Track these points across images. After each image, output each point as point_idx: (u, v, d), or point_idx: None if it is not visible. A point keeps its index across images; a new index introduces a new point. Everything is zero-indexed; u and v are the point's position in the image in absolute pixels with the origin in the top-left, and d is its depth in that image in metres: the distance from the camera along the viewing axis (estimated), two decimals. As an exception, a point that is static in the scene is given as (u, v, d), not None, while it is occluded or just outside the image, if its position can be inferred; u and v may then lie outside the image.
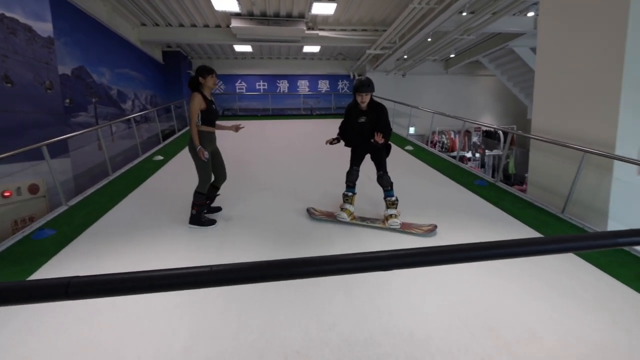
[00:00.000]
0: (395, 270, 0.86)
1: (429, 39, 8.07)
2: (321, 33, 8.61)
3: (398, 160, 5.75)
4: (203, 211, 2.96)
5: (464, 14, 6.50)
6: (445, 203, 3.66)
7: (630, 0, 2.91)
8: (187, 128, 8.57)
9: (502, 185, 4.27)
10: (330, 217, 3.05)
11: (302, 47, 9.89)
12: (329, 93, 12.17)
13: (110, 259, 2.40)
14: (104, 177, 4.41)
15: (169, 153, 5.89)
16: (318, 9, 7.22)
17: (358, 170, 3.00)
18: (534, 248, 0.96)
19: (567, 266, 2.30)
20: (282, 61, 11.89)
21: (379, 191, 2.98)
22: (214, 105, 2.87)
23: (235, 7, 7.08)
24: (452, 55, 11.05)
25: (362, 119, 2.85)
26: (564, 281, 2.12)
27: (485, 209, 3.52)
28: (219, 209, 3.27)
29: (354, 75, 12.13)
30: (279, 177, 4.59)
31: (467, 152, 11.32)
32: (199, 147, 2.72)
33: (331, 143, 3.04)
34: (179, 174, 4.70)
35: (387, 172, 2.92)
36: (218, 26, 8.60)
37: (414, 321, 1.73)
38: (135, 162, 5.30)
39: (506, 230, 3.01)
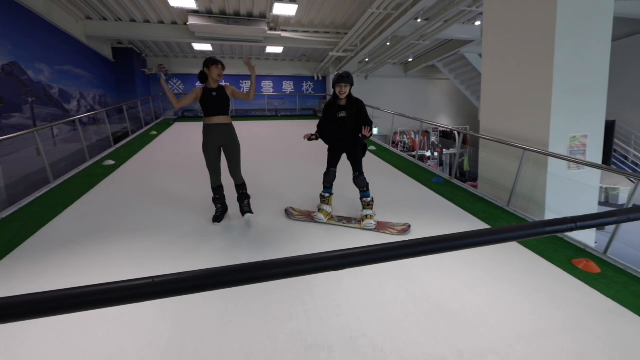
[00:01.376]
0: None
1: (388, 43, 8.38)
2: (284, 34, 8.57)
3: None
4: (215, 204, 3.03)
5: (419, 20, 6.85)
6: (405, 200, 3.82)
7: (557, 19, 3.28)
8: (143, 130, 8.05)
9: (457, 182, 4.56)
10: (308, 218, 3.07)
11: (265, 48, 9.77)
12: (294, 94, 12.14)
13: (45, 277, 2.17)
14: (45, 184, 3.98)
15: (122, 157, 5.48)
16: (279, 10, 7.19)
17: (335, 171, 3.03)
18: (479, 239, 1.04)
19: (510, 253, 2.53)
20: (244, 61, 11.66)
21: (356, 191, 3.04)
22: (214, 93, 2.82)
23: (192, 4, 6.81)
24: (410, 60, 11.58)
25: (342, 114, 2.85)
26: (506, 268, 2.32)
27: (441, 205, 3.74)
28: (246, 211, 2.94)
29: (317, 77, 12.24)
30: (254, 179, 4.48)
31: (427, 151, 11.97)
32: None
33: (309, 139, 3.01)
34: (134, 179, 4.39)
35: (363, 173, 2.95)
36: (174, 23, 8.19)
37: (373, 313, 1.79)
38: (82, 167, 4.85)
39: (459, 223, 3.22)
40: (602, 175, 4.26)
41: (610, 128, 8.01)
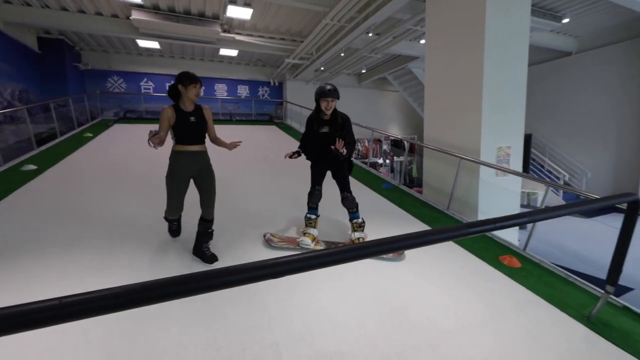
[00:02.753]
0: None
1: (342, 54, 8.71)
2: (238, 37, 8.40)
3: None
4: (170, 231, 2.68)
5: (370, 35, 7.23)
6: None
7: (484, 47, 3.72)
8: (75, 131, 7.23)
9: (404, 188, 4.86)
10: (292, 244, 2.68)
11: (218, 50, 9.46)
12: (250, 99, 11.90)
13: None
14: (-61, 193, 3.33)
15: (46, 161, 4.82)
16: (233, 12, 7.04)
17: (320, 190, 2.79)
18: (416, 241, 1.12)
19: (447, 252, 2.75)
20: (196, 62, 11.12)
21: (342, 212, 2.82)
22: (192, 118, 2.36)
23: (136, -3, 6.34)
24: (363, 71, 12.16)
25: (325, 129, 2.62)
26: (442, 266, 2.53)
27: (390, 209, 3.95)
28: (213, 258, 2.41)
29: (274, 82, 12.18)
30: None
31: (379, 158, 12.59)
32: (151, 136, 2.23)
33: (290, 157, 2.72)
34: (60, 186, 3.89)
35: (351, 192, 2.74)
36: (115, 16, 7.53)
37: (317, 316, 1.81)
38: (-7, 172, 4.17)
39: (405, 226, 3.42)
40: (522, 181, 4.86)
41: (528, 140, 9.24)
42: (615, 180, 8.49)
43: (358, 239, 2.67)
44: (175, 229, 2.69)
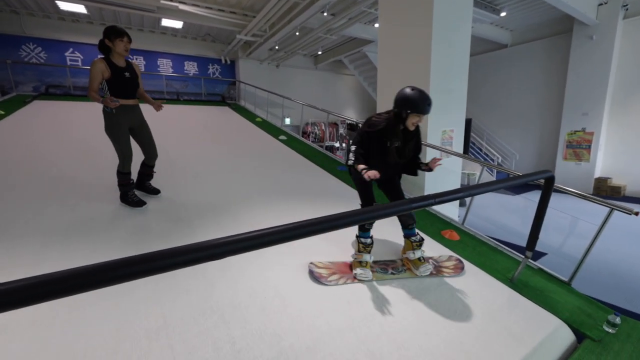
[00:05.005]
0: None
1: (297, 33, 8.43)
2: (182, 7, 7.62)
3: (272, 149, 5.88)
4: (129, 191, 2.80)
5: (325, 14, 7.09)
6: (311, 187, 3.98)
7: (432, 35, 3.87)
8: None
9: (358, 170, 5.00)
10: (345, 274, 2.13)
11: (160, 20, 8.51)
12: (199, 77, 11.04)
13: None
14: None
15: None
16: (175, -22, 6.34)
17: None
18: (360, 217, 1.15)
19: (395, 228, 2.92)
20: (134, 32, 9.88)
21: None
22: (126, 74, 2.53)
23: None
24: (319, 52, 11.98)
25: (397, 143, 2.07)
26: (393, 237, 2.68)
27: (341, 189, 4.04)
28: (157, 191, 3.06)
29: (225, 60, 11.43)
30: (185, 192, 3.40)
31: (336, 142, 12.75)
32: (104, 99, 2.39)
33: (369, 177, 1.91)
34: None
35: None
36: (25, -31, 6.30)
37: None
38: None
39: (353, 205, 3.53)
40: (463, 162, 5.30)
41: (468, 125, 10.06)
42: (538, 160, 9.73)
43: (419, 259, 2.22)
44: (136, 200, 2.81)
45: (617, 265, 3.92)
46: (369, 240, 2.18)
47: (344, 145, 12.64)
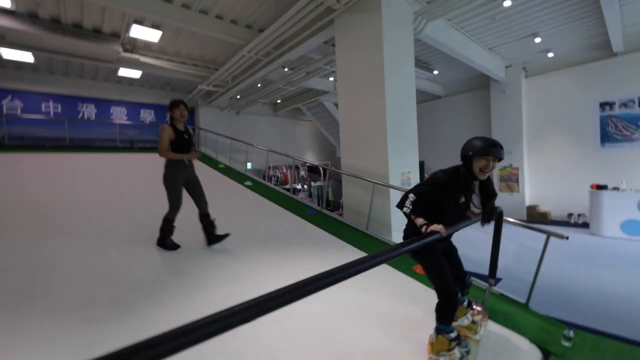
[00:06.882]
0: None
1: (259, 85, 8.95)
2: (143, 59, 7.72)
3: (238, 195, 5.82)
4: (167, 236, 3.13)
5: (286, 69, 7.72)
6: (287, 233, 4.01)
7: (385, 89, 4.47)
8: None
9: (327, 212, 5.17)
10: None
11: (116, 70, 8.43)
12: (156, 124, 10.80)
13: None
14: None
15: None
16: (138, 33, 6.47)
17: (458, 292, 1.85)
18: (357, 268, 1.26)
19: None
20: (86, 81, 9.59)
21: None
22: (185, 136, 3.12)
23: (4, 1, 5.23)
24: (279, 101, 12.67)
25: (463, 198, 1.83)
26: (375, 281, 2.80)
27: (317, 234, 4.14)
28: (224, 236, 3.31)
29: (184, 108, 11.44)
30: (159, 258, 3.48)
31: (298, 184, 12.98)
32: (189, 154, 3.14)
33: (428, 232, 1.65)
34: None
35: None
36: (-34, 18, 5.97)
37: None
38: None
39: (333, 249, 3.63)
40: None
41: (421, 166, 11.14)
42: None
43: (474, 322, 2.07)
44: (172, 244, 3.14)
45: (559, 282, 4.44)
46: (454, 334, 1.78)
47: (305, 186, 12.91)
